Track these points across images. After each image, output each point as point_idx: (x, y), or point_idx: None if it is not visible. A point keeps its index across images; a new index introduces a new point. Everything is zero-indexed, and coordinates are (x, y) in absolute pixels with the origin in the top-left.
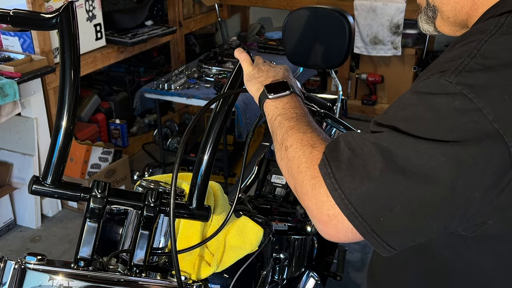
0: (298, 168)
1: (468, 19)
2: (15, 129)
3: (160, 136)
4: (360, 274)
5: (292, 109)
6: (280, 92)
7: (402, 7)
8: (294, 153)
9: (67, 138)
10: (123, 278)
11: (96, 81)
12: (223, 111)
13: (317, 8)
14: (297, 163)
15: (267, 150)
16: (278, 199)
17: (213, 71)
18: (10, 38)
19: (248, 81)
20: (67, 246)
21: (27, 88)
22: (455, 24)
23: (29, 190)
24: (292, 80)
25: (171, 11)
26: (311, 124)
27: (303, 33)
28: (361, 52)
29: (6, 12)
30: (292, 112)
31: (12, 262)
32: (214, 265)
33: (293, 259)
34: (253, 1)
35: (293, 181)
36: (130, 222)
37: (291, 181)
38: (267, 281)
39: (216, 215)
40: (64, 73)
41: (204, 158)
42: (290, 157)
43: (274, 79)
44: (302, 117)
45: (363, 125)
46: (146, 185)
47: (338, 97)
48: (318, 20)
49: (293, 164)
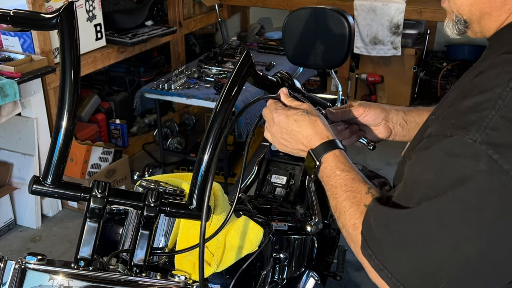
0: (355, 250)
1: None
2: (15, 129)
3: (160, 136)
4: (360, 274)
5: (331, 182)
6: (313, 172)
7: (402, 7)
8: (345, 234)
9: (67, 138)
10: (123, 278)
11: (96, 81)
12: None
13: (317, 8)
14: (353, 246)
15: (267, 150)
16: (278, 199)
17: (213, 71)
18: (10, 38)
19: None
20: (67, 246)
21: (27, 88)
22: (483, 36)
23: (29, 190)
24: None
25: (171, 11)
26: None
27: (303, 33)
28: (361, 52)
29: (6, 12)
30: (332, 186)
31: (12, 262)
32: (214, 265)
33: (293, 259)
34: (253, 1)
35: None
36: (130, 222)
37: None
38: (267, 281)
39: (216, 215)
40: (64, 73)
41: (204, 158)
42: (347, 239)
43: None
44: (339, 190)
45: None
46: (146, 185)
47: (338, 97)
48: (318, 20)
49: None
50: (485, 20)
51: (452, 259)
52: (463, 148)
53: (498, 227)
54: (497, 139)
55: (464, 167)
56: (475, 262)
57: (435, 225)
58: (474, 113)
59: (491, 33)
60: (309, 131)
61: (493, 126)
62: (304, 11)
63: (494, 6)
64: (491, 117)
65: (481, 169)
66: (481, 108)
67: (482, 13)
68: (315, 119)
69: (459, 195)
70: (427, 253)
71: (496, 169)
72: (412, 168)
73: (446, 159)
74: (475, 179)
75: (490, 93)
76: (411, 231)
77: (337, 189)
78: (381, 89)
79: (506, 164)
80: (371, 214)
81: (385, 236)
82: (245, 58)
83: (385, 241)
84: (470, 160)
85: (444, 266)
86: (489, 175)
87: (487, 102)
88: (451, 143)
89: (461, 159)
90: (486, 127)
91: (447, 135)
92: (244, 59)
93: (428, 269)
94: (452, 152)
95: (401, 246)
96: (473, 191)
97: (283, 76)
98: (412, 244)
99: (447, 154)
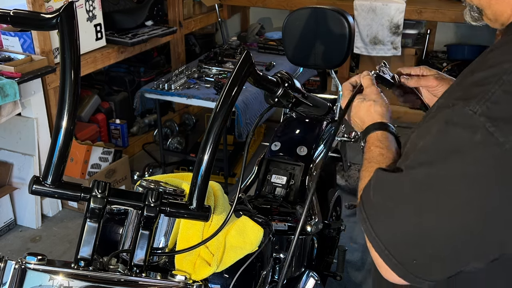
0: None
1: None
2: (16, 129)
3: (160, 136)
4: (360, 274)
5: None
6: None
7: (402, 7)
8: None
9: (68, 138)
10: (123, 278)
11: (96, 81)
12: (223, 111)
13: (317, 8)
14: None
15: (267, 150)
16: (278, 199)
17: (213, 71)
18: (10, 38)
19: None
20: (67, 246)
21: (28, 88)
22: (499, 23)
23: (29, 190)
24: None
25: (171, 11)
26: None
27: (303, 33)
28: (361, 52)
29: (6, 12)
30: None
31: (12, 262)
32: (214, 265)
33: (293, 259)
34: (253, 1)
35: None
36: (130, 222)
37: None
38: (267, 281)
39: (216, 215)
40: (64, 73)
41: (204, 158)
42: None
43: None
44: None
45: None
46: (146, 185)
47: (338, 97)
48: (318, 20)
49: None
50: (495, 5)
51: (440, 227)
52: (462, 118)
53: (488, 199)
54: (496, 112)
55: (460, 137)
56: (463, 233)
57: (426, 192)
58: (478, 87)
59: (506, 19)
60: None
61: (495, 99)
62: (304, 11)
63: None
64: (494, 91)
65: (476, 141)
66: (485, 82)
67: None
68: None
69: (452, 164)
70: (416, 219)
71: (491, 141)
72: (413, 136)
73: (444, 127)
74: (470, 150)
75: (497, 68)
76: (402, 196)
77: (365, 160)
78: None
79: (502, 137)
80: (371, 179)
81: (378, 200)
82: (245, 58)
83: (378, 205)
84: (467, 131)
85: (432, 234)
86: (484, 146)
87: (492, 77)
88: (451, 112)
89: (459, 129)
90: (487, 100)
91: (449, 106)
92: (244, 59)
93: (415, 237)
94: (451, 121)
95: (392, 211)
96: (466, 161)
97: (283, 76)
98: (402, 209)
99: (446, 123)
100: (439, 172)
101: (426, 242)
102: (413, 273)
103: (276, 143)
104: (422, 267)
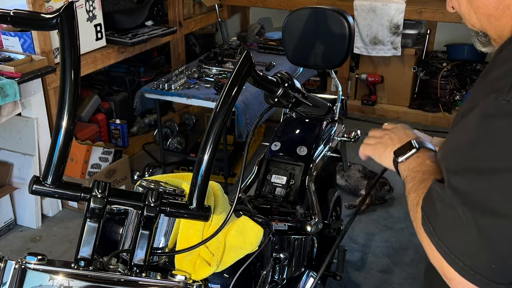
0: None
1: None
2: (16, 129)
3: (160, 136)
4: (360, 274)
5: (418, 167)
6: (406, 154)
7: (402, 7)
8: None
9: (68, 138)
10: (123, 278)
11: (97, 81)
12: (223, 111)
13: (317, 8)
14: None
15: (267, 150)
16: (278, 199)
17: (213, 71)
18: (10, 38)
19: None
20: (67, 246)
21: (28, 88)
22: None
23: (29, 190)
24: (417, 134)
25: (171, 11)
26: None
27: (303, 33)
28: (361, 52)
29: (6, 12)
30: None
31: (12, 262)
32: (214, 265)
33: (293, 259)
34: (253, 1)
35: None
36: (130, 222)
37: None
38: (267, 281)
39: (216, 215)
40: (64, 73)
41: (204, 158)
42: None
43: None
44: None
45: (363, 125)
46: (147, 185)
47: (338, 97)
48: (318, 20)
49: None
50: (495, 22)
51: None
52: (498, 110)
53: None
54: None
55: (502, 127)
56: None
57: (485, 201)
58: (502, 80)
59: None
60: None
61: None
62: (304, 11)
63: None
64: None
65: None
66: (507, 74)
67: (489, 18)
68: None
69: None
70: (485, 221)
71: None
72: (450, 139)
73: (482, 122)
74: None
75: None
76: (462, 206)
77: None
78: (381, 89)
79: None
80: (431, 190)
81: (442, 211)
82: (245, 58)
83: (442, 216)
84: (508, 119)
85: (498, 243)
86: None
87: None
88: (484, 106)
89: (498, 120)
90: None
91: (478, 104)
92: (244, 59)
93: (489, 240)
94: (488, 115)
95: (456, 221)
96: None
97: (283, 76)
98: (468, 216)
99: (483, 117)
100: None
101: (500, 245)
102: (495, 280)
103: (276, 143)
104: (502, 271)
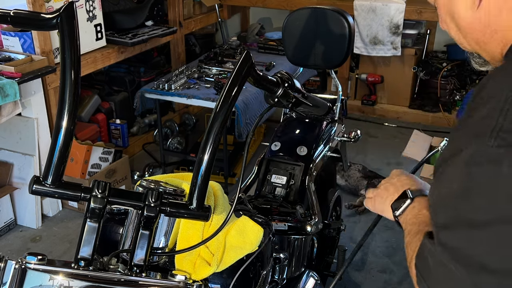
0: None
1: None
2: (16, 129)
3: (160, 136)
4: (360, 274)
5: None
6: (402, 206)
7: (402, 7)
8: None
9: (68, 138)
10: (123, 278)
11: (97, 81)
12: (223, 111)
13: (317, 8)
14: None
15: (267, 150)
16: (278, 199)
17: (213, 71)
18: (10, 38)
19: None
20: (67, 246)
21: (28, 88)
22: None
23: (29, 190)
24: (412, 180)
25: (171, 11)
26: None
27: (303, 33)
28: (361, 52)
29: (6, 12)
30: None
31: (12, 262)
32: (214, 265)
33: (293, 259)
34: (253, 1)
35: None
36: (130, 222)
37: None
38: (267, 281)
39: (216, 215)
40: (64, 73)
41: (204, 158)
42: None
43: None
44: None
45: (363, 125)
46: (147, 185)
47: (338, 97)
48: (318, 20)
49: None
50: (485, 46)
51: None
52: (482, 156)
53: None
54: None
55: (487, 174)
56: None
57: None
58: (484, 121)
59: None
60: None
61: (506, 129)
62: (304, 11)
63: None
64: (501, 121)
65: (505, 173)
66: (490, 115)
67: (478, 43)
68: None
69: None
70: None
71: None
72: (435, 191)
73: (466, 170)
74: (503, 184)
75: (494, 103)
76: (453, 262)
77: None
78: (381, 89)
79: None
80: (423, 246)
81: (434, 268)
82: (245, 58)
83: (434, 274)
84: (493, 166)
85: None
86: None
87: (493, 111)
88: (468, 152)
89: (482, 167)
90: (498, 131)
91: (462, 150)
92: (244, 59)
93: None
94: (472, 162)
95: (450, 279)
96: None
97: (283, 76)
98: (459, 275)
99: (467, 165)
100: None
101: None
102: None
103: (276, 143)
104: None
